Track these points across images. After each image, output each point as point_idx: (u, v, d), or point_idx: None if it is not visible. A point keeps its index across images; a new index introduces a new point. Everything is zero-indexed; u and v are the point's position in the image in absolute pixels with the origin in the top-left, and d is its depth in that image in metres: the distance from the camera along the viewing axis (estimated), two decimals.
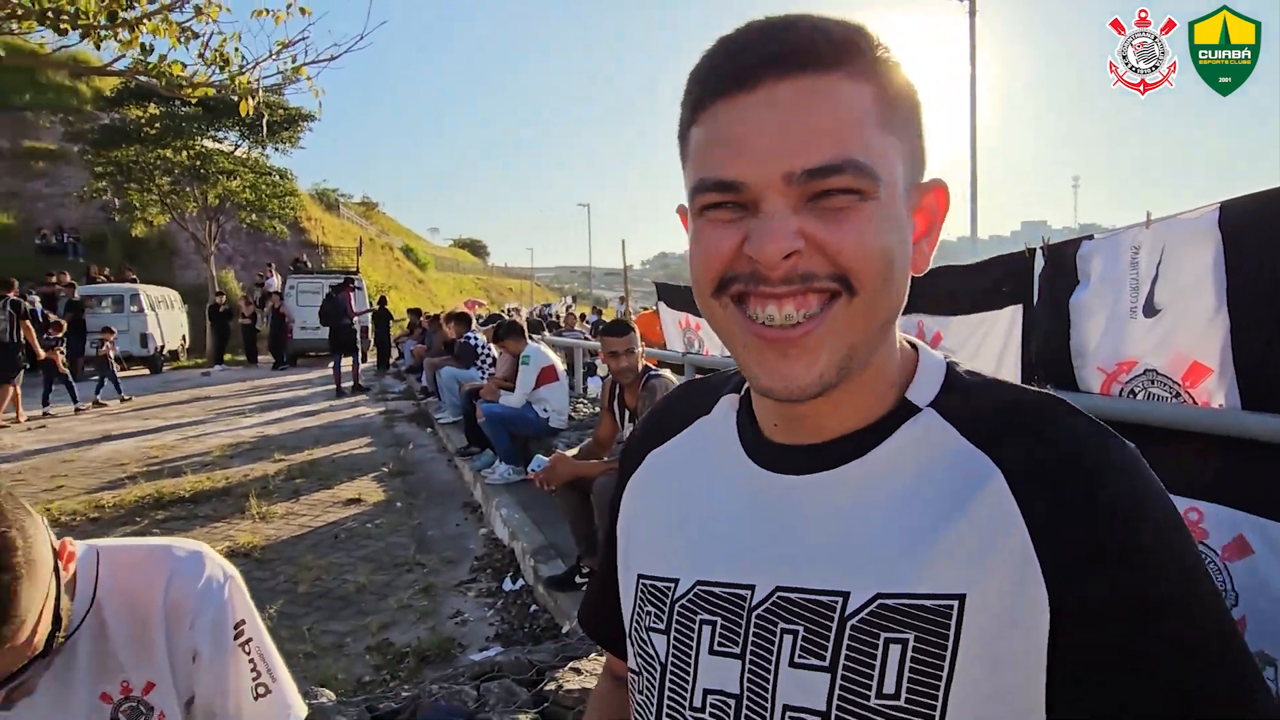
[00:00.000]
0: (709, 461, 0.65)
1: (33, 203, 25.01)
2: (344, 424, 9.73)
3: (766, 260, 0.50)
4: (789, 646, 0.54)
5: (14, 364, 9.50)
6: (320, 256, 29.20)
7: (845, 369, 0.53)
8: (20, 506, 0.88)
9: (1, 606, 0.81)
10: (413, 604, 3.92)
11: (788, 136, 0.50)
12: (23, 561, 0.84)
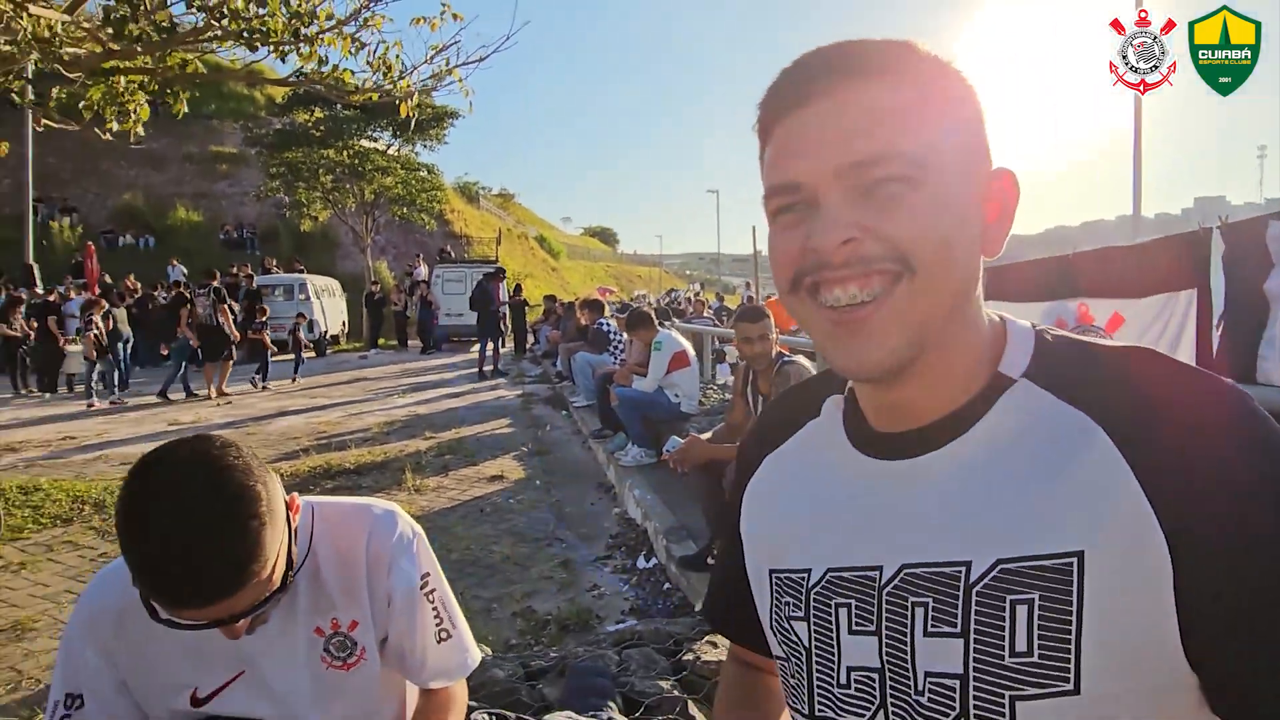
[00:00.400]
0: (823, 459, 0.70)
1: (217, 201, 27.92)
2: (485, 405, 10.26)
3: (825, 248, 0.55)
4: (921, 618, 0.57)
5: (222, 344, 10.82)
6: (463, 246, 30.79)
7: (918, 344, 0.57)
8: (263, 465, 1.05)
9: (252, 548, 0.97)
10: (553, 575, 4.12)
11: (837, 135, 0.55)
12: (267, 510, 1.00)
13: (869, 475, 0.64)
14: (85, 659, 1.18)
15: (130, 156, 27.24)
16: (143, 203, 27.02)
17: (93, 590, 1.21)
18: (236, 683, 1.20)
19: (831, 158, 0.55)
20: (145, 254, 24.12)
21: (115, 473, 6.33)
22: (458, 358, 17.15)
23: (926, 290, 0.56)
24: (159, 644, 1.16)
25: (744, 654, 0.86)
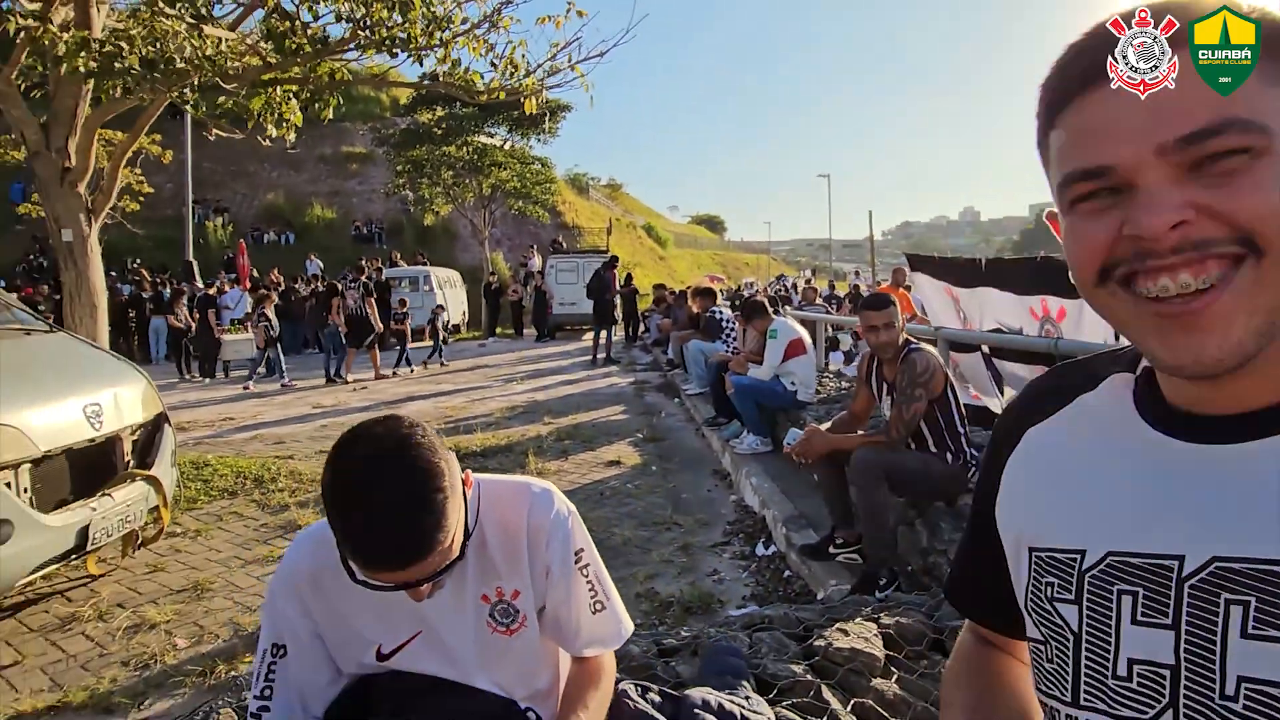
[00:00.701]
0: (1102, 435, 0.65)
1: (348, 199, 29.71)
2: (600, 392, 10.49)
3: (1152, 234, 0.50)
4: (1239, 617, 0.52)
5: (367, 332, 11.72)
6: (574, 237, 31.43)
7: (1266, 335, 0.51)
8: (443, 443, 1.15)
9: (438, 518, 1.07)
10: (673, 560, 4.20)
11: (1156, 109, 0.51)
12: (450, 485, 1.10)
13: (1168, 457, 0.58)
14: (286, 613, 1.32)
15: (272, 159, 29.40)
16: (283, 202, 29.14)
17: (292, 552, 1.35)
18: (415, 641, 1.32)
19: (1152, 136, 0.50)
20: (286, 249, 26.01)
21: (269, 451, 6.92)
22: (571, 345, 17.58)
23: (1277, 273, 0.49)
24: (349, 603, 1.29)
25: (983, 631, 0.83)
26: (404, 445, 1.08)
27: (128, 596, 3.84)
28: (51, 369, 3.83)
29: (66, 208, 4.91)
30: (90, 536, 3.56)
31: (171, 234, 21.16)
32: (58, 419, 3.53)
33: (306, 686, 1.33)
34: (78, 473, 3.66)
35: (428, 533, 1.06)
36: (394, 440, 1.09)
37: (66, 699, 2.91)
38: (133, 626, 3.51)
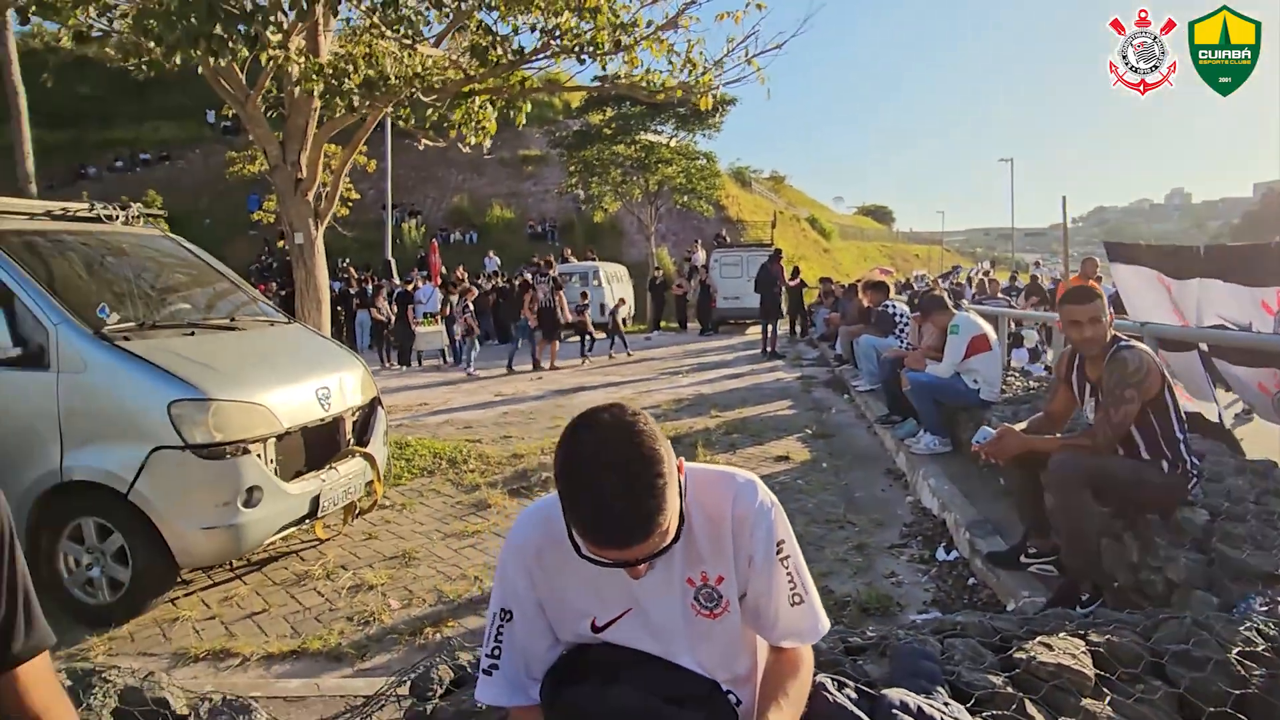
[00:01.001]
0: None
1: (524, 199, 31.38)
2: (765, 387, 10.42)
3: None
4: None
5: (556, 325, 12.68)
6: (737, 231, 31.31)
7: None
8: (661, 432, 1.22)
9: (660, 502, 1.14)
10: (847, 559, 4.13)
11: None
12: (668, 471, 1.17)
13: None
14: (514, 582, 1.44)
15: (458, 165, 31.61)
16: (468, 204, 31.30)
17: (519, 526, 1.48)
18: (626, 617, 1.40)
19: None
20: (469, 248, 27.92)
21: (459, 434, 7.49)
22: (735, 340, 17.57)
23: None
24: (568, 576, 1.40)
25: None
26: (629, 432, 1.16)
27: (348, 559, 4.33)
28: (290, 356, 4.38)
29: (298, 214, 5.59)
30: (320, 504, 4.05)
31: (373, 235, 23.39)
32: (296, 400, 4.03)
33: (529, 650, 1.45)
34: (310, 448, 4.17)
35: (650, 515, 1.13)
36: (620, 427, 1.17)
37: (304, 645, 3.33)
38: (354, 586, 3.95)
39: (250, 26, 3.70)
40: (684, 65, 4.76)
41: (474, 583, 3.94)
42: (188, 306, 4.42)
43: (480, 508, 5.17)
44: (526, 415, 8.56)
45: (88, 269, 4.08)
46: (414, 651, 3.29)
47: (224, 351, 4.04)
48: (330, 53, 5.19)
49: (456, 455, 6.38)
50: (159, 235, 4.75)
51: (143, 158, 36.94)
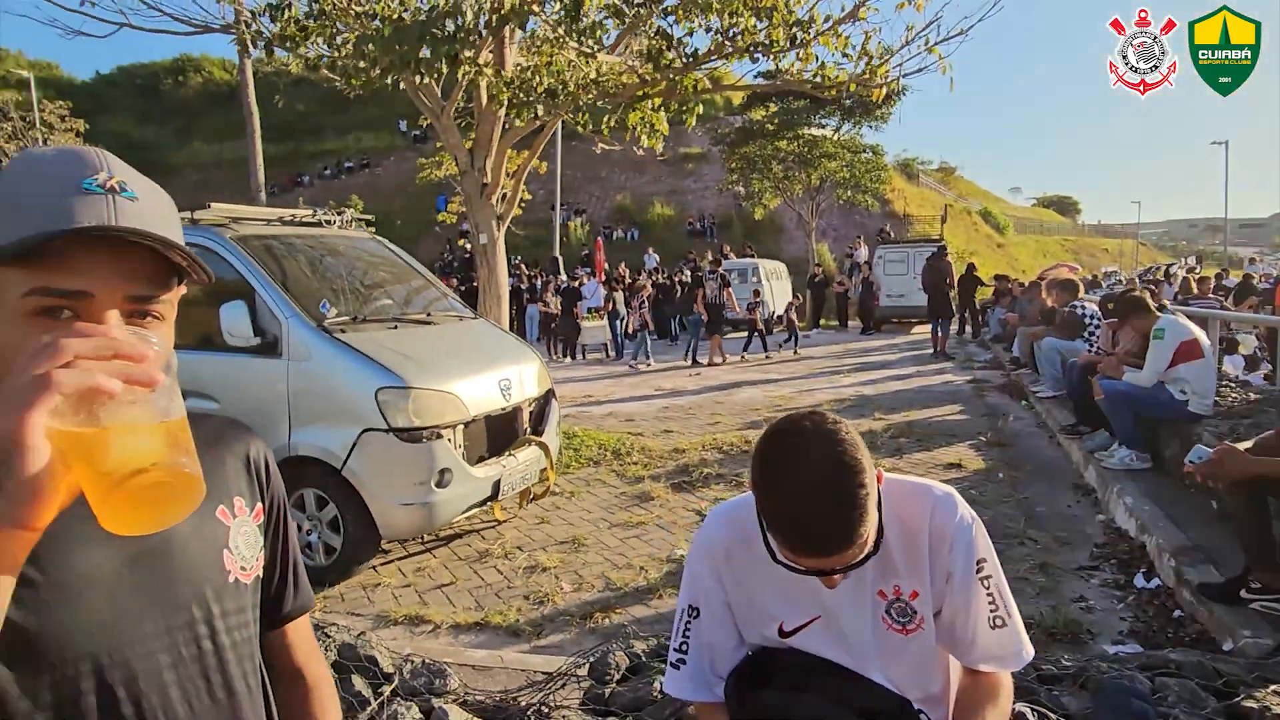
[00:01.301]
0: None
1: (684, 196, 31.70)
2: (933, 389, 9.92)
3: None
4: None
5: (722, 320, 12.98)
6: (902, 225, 29.92)
7: None
8: (862, 441, 1.22)
9: (860, 512, 1.13)
10: (1028, 578, 3.88)
11: None
12: (869, 480, 1.16)
13: None
14: (702, 580, 1.46)
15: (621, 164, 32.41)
16: (629, 202, 32.06)
17: (708, 525, 1.52)
18: (815, 625, 1.39)
19: None
20: (630, 245, 28.60)
21: (622, 427, 7.73)
22: (899, 339, 16.84)
23: None
24: (756, 579, 1.41)
25: None
26: (830, 440, 1.17)
27: (524, 541, 4.61)
28: (477, 349, 4.72)
29: (483, 216, 6.00)
30: (500, 488, 4.34)
31: (541, 234, 24.54)
32: (481, 390, 4.35)
33: (715, 648, 1.48)
34: (492, 435, 4.48)
35: (852, 525, 1.13)
36: (821, 435, 1.18)
37: (487, 619, 3.60)
38: (529, 567, 4.21)
39: (451, 47, 4.04)
40: (860, 57, 4.63)
41: (639, 573, 4.07)
42: (390, 302, 4.87)
43: (644, 500, 5.32)
44: (686, 411, 8.68)
45: (311, 268, 4.60)
46: (585, 634, 3.46)
47: (421, 344, 4.42)
48: (514, 65, 5.52)
49: (620, 447, 6.60)
50: (367, 237, 5.28)
51: (347, 166, 40.89)
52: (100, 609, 0.74)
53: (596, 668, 2.33)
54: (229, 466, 0.91)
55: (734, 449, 6.62)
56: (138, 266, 0.72)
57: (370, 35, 4.17)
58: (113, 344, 0.58)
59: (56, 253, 0.68)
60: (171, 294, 0.76)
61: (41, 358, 0.56)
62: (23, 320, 0.69)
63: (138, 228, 0.70)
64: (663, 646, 2.36)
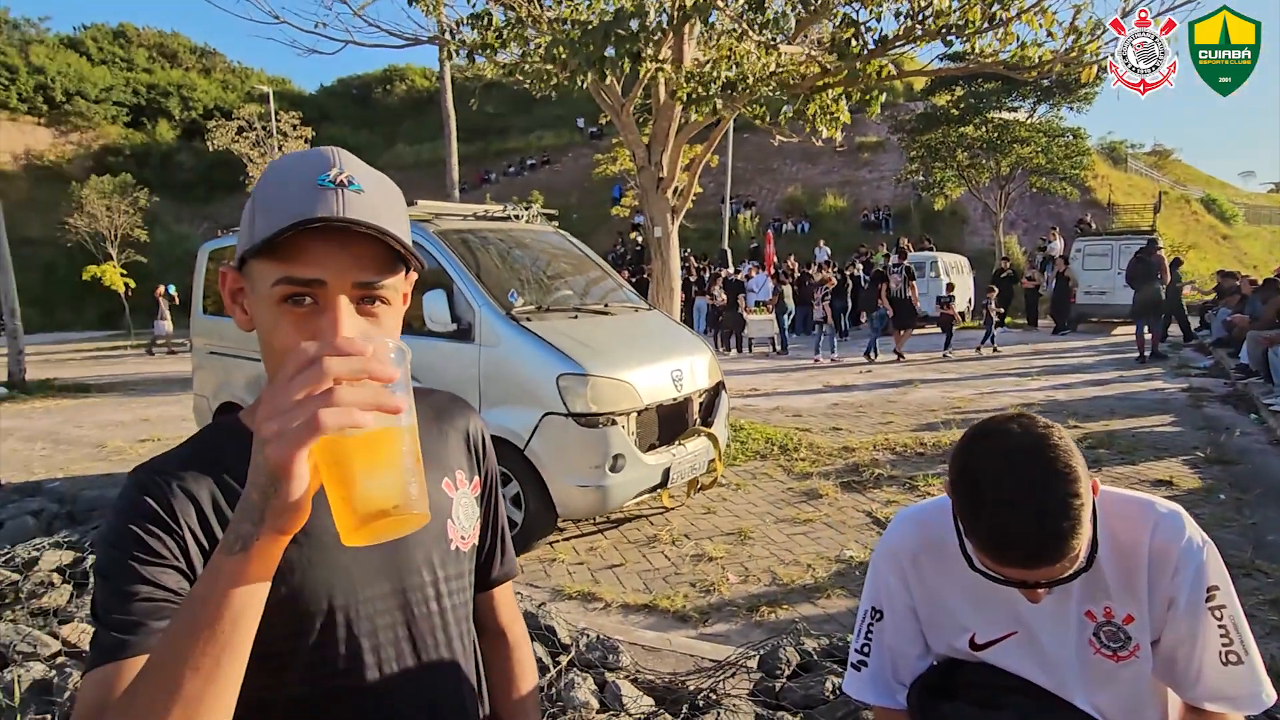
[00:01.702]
0: None
1: (858, 187, 30.58)
2: (1139, 397, 8.95)
3: None
4: None
5: (912, 315, 12.85)
6: (1106, 216, 27.08)
7: None
8: (1078, 448, 1.12)
9: (1074, 523, 1.05)
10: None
11: None
12: (1084, 490, 1.07)
13: None
14: (887, 581, 1.41)
15: (792, 155, 31.82)
16: (801, 193, 31.38)
17: (896, 527, 1.47)
18: (1011, 640, 1.30)
19: None
20: (800, 237, 28.00)
21: (789, 422, 7.63)
22: (1097, 340, 15.31)
23: None
24: (946, 586, 1.34)
25: None
26: (1041, 444, 1.10)
27: (690, 530, 4.69)
28: (650, 339, 4.85)
29: (659, 210, 6.13)
30: (669, 476, 4.44)
31: (710, 226, 24.61)
32: (654, 380, 4.46)
33: (898, 653, 1.43)
34: (663, 424, 4.58)
35: (1063, 536, 1.05)
36: (1031, 438, 1.11)
37: (655, 602, 3.70)
38: (696, 555, 4.28)
39: (634, 45, 4.17)
40: (1067, 34, 4.23)
41: (807, 570, 4.02)
42: (570, 292, 5.11)
43: (812, 497, 5.24)
44: (856, 409, 8.42)
45: (501, 260, 4.92)
46: (751, 627, 3.48)
47: (599, 333, 4.61)
48: (692, 59, 5.58)
49: (788, 442, 6.52)
50: (550, 230, 5.57)
51: (529, 163, 43.17)
52: (349, 567, 0.84)
53: (767, 660, 2.33)
54: (451, 441, 1.00)
55: (908, 451, 6.34)
56: (362, 254, 0.76)
57: (559, 39, 4.40)
58: (367, 365, 0.60)
59: (294, 244, 0.74)
60: (396, 279, 0.79)
61: (307, 380, 0.59)
62: (274, 306, 0.76)
63: (357, 217, 0.73)
64: (835, 646, 2.32)
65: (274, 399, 0.60)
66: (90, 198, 27.08)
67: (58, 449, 7.89)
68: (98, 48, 51.14)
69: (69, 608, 3.00)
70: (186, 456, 0.83)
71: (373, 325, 0.78)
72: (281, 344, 0.76)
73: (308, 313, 0.76)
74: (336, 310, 0.75)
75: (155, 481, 0.78)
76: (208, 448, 0.84)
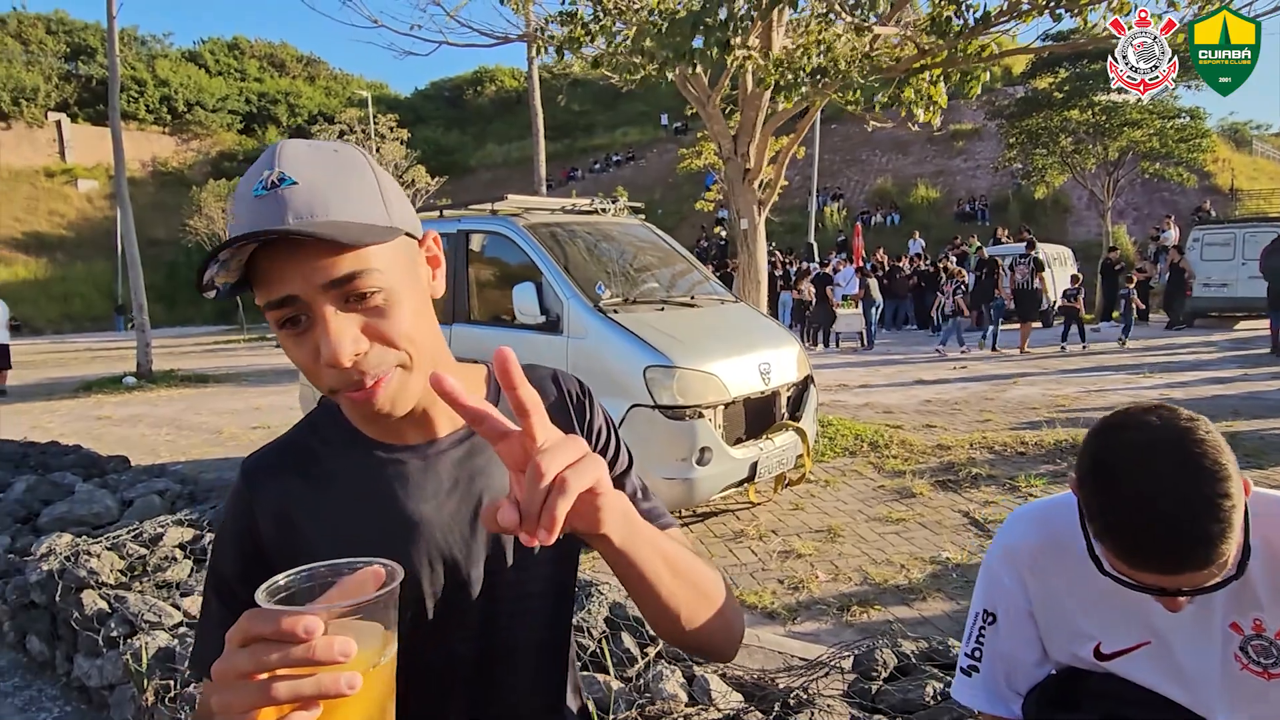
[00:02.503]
0: None
1: (952, 177, 29.44)
2: (1266, 396, 8.27)
3: None
4: None
5: (1036, 306, 12.70)
6: (1228, 202, 25.15)
7: None
8: (1228, 445, 1.02)
9: (1223, 526, 0.95)
10: None
11: None
12: (1235, 490, 0.96)
13: None
14: (1002, 583, 1.32)
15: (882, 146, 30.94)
16: (891, 185, 30.47)
17: (1012, 525, 1.37)
18: (1141, 651, 1.20)
19: None
20: (890, 230, 27.20)
21: (879, 419, 7.41)
22: (1216, 336, 14.23)
23: None
24: (1071, 590, 1.24)
25: None
26: (1185, 439, 1.00)
27: (777, 526, 4.62)
28: (737, 332, 4.79)
29: (745, 202, 6.06)
30: (757, 471, 4.38)
31: (797, 219, 24.21)
32: (741, 373, 4.41)
33: (1012, 660, 1.34)
34: (750, 418, 4.52)
35: (1211, 540, 0.95)
36: (1173, 431, 1.01)
37: (741, 597, 3.66)
38: (783, 552, 4.21)
39: (724, 34, 4.11)
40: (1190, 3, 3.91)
41: (900, 570, 3.89)
42: (656, 285, 5.10)
43: (904, 495, 5.07)
44: (950, 406, 8.10)
45: (588, 253, 4.96)
46: (842, 626, 3.39)
47: (685, 325, 4.58)
48: (781, 47, 5.47)
49: (878, 439, 6.34)
50: (636, 223, 5.58)
51: (614, 159, 43.55)
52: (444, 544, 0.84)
53: (862, 661, 2.26)
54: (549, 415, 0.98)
55: (1008, 450, 6.06)
56: (316, 253, 0.68)
57: (647, 29, 4.39)
58: (310, 653, 0.53)
59: (257, 268, 0.69)
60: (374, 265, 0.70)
61: (245, 663, 0.53)
62: (279, 332, 0.73)
63: (291, 216, 0.67)
64: (935, 650, 2.23)
65: (220, 666, 0.55)
66: (208, 201, 28.94)
67: (180, 434, 8.47)
68: (214, 60, 54.62)
69: (189, 581, 3.20)
70: (284, 447, 0.88)
71: (379, 322, 0.72)
72: (298, 365, 0.74)
73: (302, 332, 0.71)
74: (323, 325, 0.69)
75: (244, 483, 0.85)
76: (305, 434, 0.88)
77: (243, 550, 0.84)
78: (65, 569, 3.21)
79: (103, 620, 2.96)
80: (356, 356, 0.71)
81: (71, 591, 3.13)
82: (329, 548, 0.74)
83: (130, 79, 45.77)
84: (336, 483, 0.84)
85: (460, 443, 0.87)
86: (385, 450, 0.85)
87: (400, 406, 0.76)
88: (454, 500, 0.85)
